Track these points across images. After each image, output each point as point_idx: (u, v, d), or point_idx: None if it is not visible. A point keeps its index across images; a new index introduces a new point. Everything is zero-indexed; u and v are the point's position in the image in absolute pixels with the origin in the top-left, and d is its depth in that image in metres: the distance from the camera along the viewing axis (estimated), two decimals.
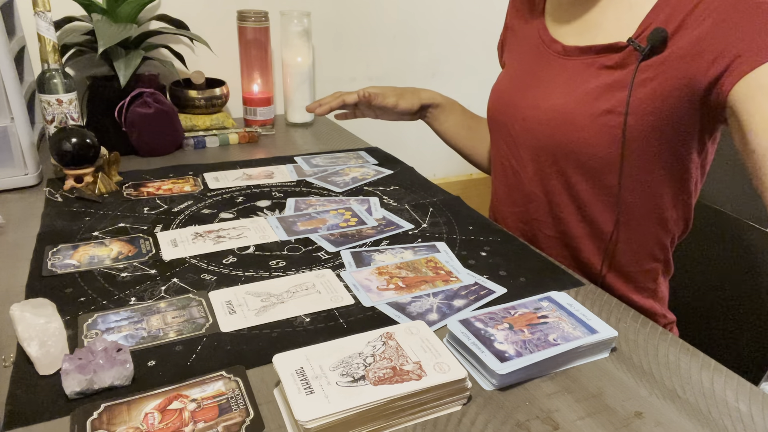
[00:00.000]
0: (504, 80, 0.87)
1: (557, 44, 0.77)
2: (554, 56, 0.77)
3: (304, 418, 0.43)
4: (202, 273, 0.67)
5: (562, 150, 0.74)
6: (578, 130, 0.71)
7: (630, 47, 0.69)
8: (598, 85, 0.71)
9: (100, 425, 0.44)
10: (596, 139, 0.71)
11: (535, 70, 0.80)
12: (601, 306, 0.64)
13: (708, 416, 0.49)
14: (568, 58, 0.76)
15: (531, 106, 0.78)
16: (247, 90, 1.24)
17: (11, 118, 0.85)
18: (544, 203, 0.80)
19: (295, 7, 1.29)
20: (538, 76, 0.79)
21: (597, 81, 0.71)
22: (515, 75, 0.84)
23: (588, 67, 0.73)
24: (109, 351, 0.49)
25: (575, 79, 0.74)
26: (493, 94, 0.88)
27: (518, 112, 0.80)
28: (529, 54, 0.82)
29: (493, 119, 0.87)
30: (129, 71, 0.98)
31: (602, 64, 0.72)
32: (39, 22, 0.85)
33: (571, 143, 0.72)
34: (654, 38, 0.66)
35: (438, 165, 1.71)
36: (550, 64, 0.78)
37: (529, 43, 0.83)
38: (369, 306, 0.62)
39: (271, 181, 0.95)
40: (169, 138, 1.05)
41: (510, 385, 0.51)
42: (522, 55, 0.84)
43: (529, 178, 0.80)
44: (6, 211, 0.80)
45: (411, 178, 0.99)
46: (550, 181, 0.78)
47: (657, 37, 0.66)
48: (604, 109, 0.69)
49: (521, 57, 0.84)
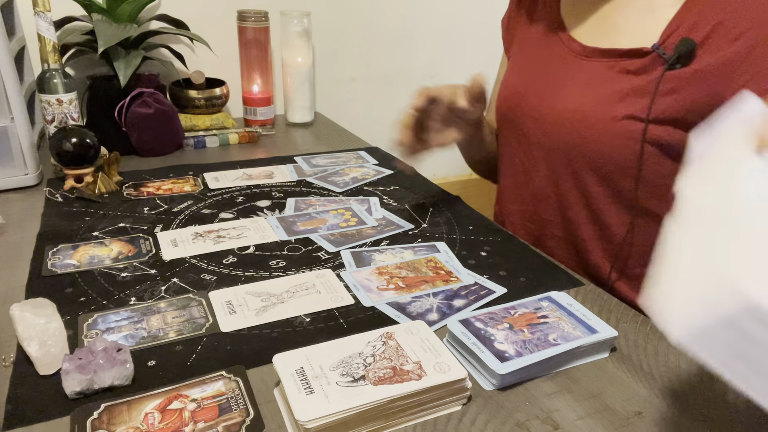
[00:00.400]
0: (514, 75, 0.85)
1: (576, 43, 0.75)
2: (572, 56, 0.76)
3: (304, 418, 0.43)
4: (202, 273, 0.67)
5: (578, 151, 0.73)
6: (596, 133, 0.71)
7: (654, 53, 0.68)
8: (619, 90, 0.70)
9: (100, 425, 0.44)
10: (614, 143, 0.70)
11: (550, 68, 0.78)
12: (601, 306, 0.64)
13: (708, 416, 0.49)
14: (587, 59, 0.74)
15: (546, 105, 0.76)
16: (247, 90, 1.24)
17: (11, 118, 0.85)
18: (555, 203, 0.79)
19: (295, 7, 1.29)
20: (554, 74, 0.77)
21: (618, 85, 0.70)
22: (527, 70, 0.82)
23: (608, 70, 0.72)
24: (109, 351, 0.49)
25: (594, 81, 0.72)
26: (504, 89, 0.85)
27: (532, 111, 0.78)
28: (543, 49, 0.80)
29: (504, 116, 0.85)
30: (129, 71, 0.98)
31: (624, 68, 0.70)
32: (39, 22, 0.85)
33: (588, 145, 0.72)
34: (681, 48, 0.65)
35: (438, 165, 1.70)
36: (567, 64, 0.76)
37: (543, 38, 0.81)
38: (369, 306, 0.62)
39: (271, 181, 0.95)
40: (169, 138, 1.05)
41: (510, 385, 0.51)
42: (535, 50, 0.82)
43: (541, 177, 0.80)
44: (6, 211, 0.80)
45: (411, 178, 0.99)
46: (562, 181, 0.77)
47: (685, 48, 0.65)
48: (625, 114, 0.68)
49: (534, 52, 0.82)
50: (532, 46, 0.83)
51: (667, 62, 0.66)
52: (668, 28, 0.68)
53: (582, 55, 0.75)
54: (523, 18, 0.86)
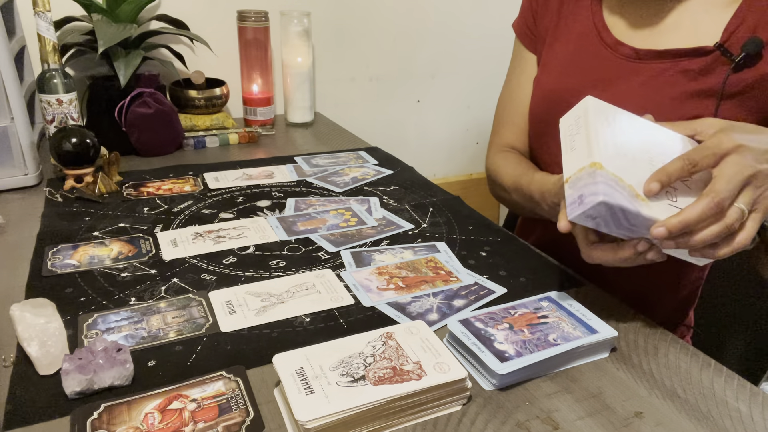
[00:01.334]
0: (551, 78, 0.81)
1: (625, 47, 0.73)
2: (622, 59, 0.73)
3: (304, 418, 0.43)
4: (202, 273, 0.67)
5: None
6: None
7: (716, 52, 0.65)
8: (681, 91, 0.68)
9: (100, 425, 0.44)
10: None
11: (597, 72, 0.75)
12: (601, 306, 0.64)
13: (708, 416, 0.49)
14: (639, 61, 0.71)
15: None
16: (247, 90, 1.24)
17: (11, 118, 0.85)
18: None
19: (295, 7, 1.29)
20: (602, 77, 0.74)
21: (679, 86, 0.68)
22: (568, 74, 0.79)
23: (665, 71, 0.69)
24: (109, 351, 0.49)
25: (653, 84, 0.70)
26: (539, 90, 0.82)
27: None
28: (585, 52, 0.77)
29: (542, 120, 0.81)
30: (129, 71, 0.98)
31: (684, 68, 0.68)
32: (39, 22, 0.85)
33: None
34: (750, 47, 0.63)
35: (438, 165, 1.71)
36: (618, 67, 0.73)
37: (583, 41, 0.78)
38: (369, 306, 0.62)
39: (271, 181, 0.95)
40: (169, 138, 1.05)
41: (510, 385, 0.51)
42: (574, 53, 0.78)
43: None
44: (6, 211, 0.80)
45: (411, 178, 0.99)
46: None
47: (753, 47, 0.63)
48: (693, 116, 0.64)
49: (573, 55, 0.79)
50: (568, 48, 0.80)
51: (733, 62, 0.64)
52: (729, 26, 0.65)
53: (635, 58, 0.72)
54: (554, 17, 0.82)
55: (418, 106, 1.59)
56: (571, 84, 0.77)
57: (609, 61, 0.74)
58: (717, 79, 0.66)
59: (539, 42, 0.86)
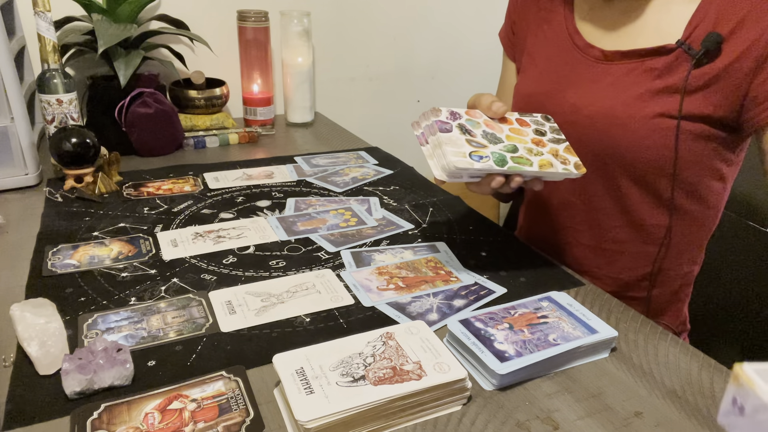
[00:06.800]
0: (528, 83, 0.84)
1: (595, 49, 0.75)
2: (592, 62, 0.75)
3: (304, 418, 0.43)
4: (202, 273, 0.67)
5: (610, 153, 0.72)
6: (630, 132, 0.70)
7: (679, 50, 0.67)
8: (647, 89, 0.69)
9: (100, 425, 0.44)
10: (649, 141, 0.69)
11: (569, 75, 0.77)
12: (601, 306, 0.64)
13: (708, 416, 0.49)
14: (608, 62, 0.74)
15: (569, 111, 0.75)
16: (247, 90, 1.24)
17: (11, 118, 0.85)
18: (581, 210, 0.78)
19: (295, 7, 1.29)
20: (574, 80, 0.77)
21: (645, 85, 0.70)
22: (543, 79, 0.81)
23: (632, 71, 0.71)
24: (109, 351, 0.49)
25: (620, 83, 0.72)
26: (519, 96, 0.84)
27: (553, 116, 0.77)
28: (559, 57, 0.79)
29: None
30: (129, 71, 0.98)
31: (648, 67, 0.70)
32: (39, 22, 0.85)
33: (622, 146, 0.71)
34: (709, 43, 0.64)
35: None
36: (588, 69, 0.75)
37: (557, 46, 0.80)
38: (369, 306, 0.62)
39: (271, 181, 0.95)
40: (169, 138, 1.05)
41: (510, 385, 0.51)
42: (549, 59, 0.81)
43: (565, 184, 0.78)
44: (6, 211, 0.80)
45: (411, 178, 0.99)
46: (590, 186, 0.76)
47: (712, 43, 0.64)
48: (658, 112, 0.68)
49: (548, 60, 0.81)
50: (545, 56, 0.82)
51: (694, 58, 0.65)
52: (691, 22, 0.67)
53: (603, 60, 0.74)
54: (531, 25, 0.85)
55: (418, 106, 1.59)
56: (546, 88, 0.80)
57: (581, 64, 0.76)
58: (680, 75, 0.67)
59: (518, 51, 0.89)
